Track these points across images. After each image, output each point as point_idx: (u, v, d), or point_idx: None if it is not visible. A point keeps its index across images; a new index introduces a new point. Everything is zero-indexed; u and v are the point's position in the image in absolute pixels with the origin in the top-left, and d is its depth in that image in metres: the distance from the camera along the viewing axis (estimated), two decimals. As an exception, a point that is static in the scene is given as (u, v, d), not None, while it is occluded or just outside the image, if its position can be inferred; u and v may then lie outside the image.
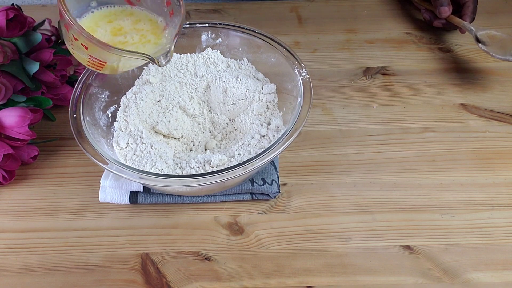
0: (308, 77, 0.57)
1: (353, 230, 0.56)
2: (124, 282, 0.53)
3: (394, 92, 0.72)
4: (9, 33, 0.62)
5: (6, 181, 0.60)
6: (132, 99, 0.61)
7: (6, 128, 0.59)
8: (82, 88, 0.58)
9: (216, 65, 0.66)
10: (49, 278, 0.53)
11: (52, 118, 0.69)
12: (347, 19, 0.85)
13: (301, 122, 0.53)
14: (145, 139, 0.57)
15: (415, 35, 0.81)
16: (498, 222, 0.56)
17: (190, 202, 0.59)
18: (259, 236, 0.56)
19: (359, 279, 0.52)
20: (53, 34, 0.70)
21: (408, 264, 0.53)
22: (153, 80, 0.63)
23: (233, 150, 0.56)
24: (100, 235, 0.57)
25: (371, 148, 0.64)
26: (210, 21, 0.66)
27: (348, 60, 0.77)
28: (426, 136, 0.66)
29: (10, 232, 0.57)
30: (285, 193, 0.60)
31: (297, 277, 0.53)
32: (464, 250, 0.54)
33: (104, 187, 0.58)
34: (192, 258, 0.54)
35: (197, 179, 0.50)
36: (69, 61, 0.67)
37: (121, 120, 0.60)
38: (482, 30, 0.72)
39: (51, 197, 0.60)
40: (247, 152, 0.55)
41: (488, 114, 0.68)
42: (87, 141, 0.53)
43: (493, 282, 0.52)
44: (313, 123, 0.67)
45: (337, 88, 0.73)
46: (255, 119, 0.59)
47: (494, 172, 0.61)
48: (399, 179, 0.61)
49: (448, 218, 0.57)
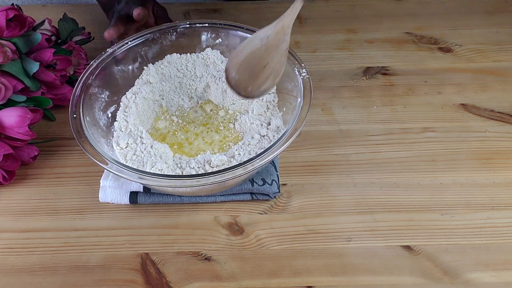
0: (308, 77, 0.57)
1: (353, 230, 0.56)
2: (124, 282, 0.53)
3: (394, 92, 0.72)
4: (9, 33, 0.62)
5: (6, 181, 0.60)
6: (132, 99, 0.61)
7: (6, 128, 0.59)
8: (82, 88, 0.58)
9: (216, 65, 0.66)
10: (49, 278, 0.53)
11: (52, 118, 0.69)
12: (347, 19, 0.85)
13: (301, 122, 0.53)
14: (145, 139, 0.57)
15: (415, 35, 0.81)
16: (498, 222, 0.56)
17: (190, 202, 0.59)
18: (259, 236, 0.56)
19: (359, 279, 0.52)
20: (53, 34, 0.70)
21: (408, 264, 0.53)
22: (152, 80, 0.64)
23: (233, 150, 0.56)
24: (100, 235, 0.57)
25: (371, 148, 0.64)
26: (210, 21, 0.66)
27: (348, 60, 0.77)
28: (426, 136, 0.66)
29: (10, 232, 0.57)
30: (285, 193, 0.60)
31: (297, 277, 0.53)
32: (464, 250, 0.54)
33: (104, 187, 0.58)
34: (192, 258, 0.54)
35: (197, 179, 0.50)
36: (69, 61, 0.67)
37: (121, 120, 0.60)
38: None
39: (51, 197, 0.60)
40: (247, 152, 0.55)
41: (488, 114, 0.68)
42: (87, 141, 0.53)
43: (493, 282, 0.52)
44: (313, 123, 0.67)
45: (337, 88, 0.73)
46: (255, 119, 0.59)
47: (494, 172, 0.61)
48: (399, 179, 0.61)
49: (448, 218, 0.57)
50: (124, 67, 0.63)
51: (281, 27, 0.51)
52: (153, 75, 0.64)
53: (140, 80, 0.64)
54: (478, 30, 0.81)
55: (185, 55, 0.66)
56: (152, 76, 0.64)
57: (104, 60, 0.61)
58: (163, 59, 0.66)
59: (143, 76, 0.64)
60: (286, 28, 0.51)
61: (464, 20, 0.83)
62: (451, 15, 0.85)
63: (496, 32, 0.81)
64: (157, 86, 0.63)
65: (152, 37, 0.65)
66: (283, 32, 0.51)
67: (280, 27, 0.51)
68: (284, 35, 0.51)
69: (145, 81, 0.64)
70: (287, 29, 0.51)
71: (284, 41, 0.52)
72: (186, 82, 0.65)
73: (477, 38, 0.80)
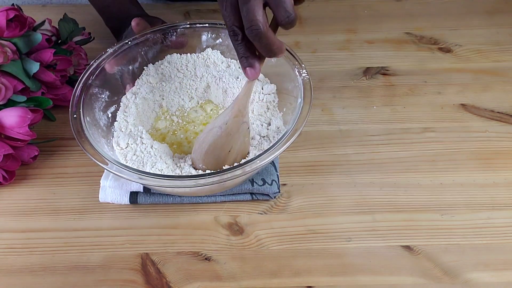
0: (308, 77, 0.57)
1: (353, 230, 0.56)
2: (124, 282, 0.53)
3: (394, 92, 0.72)
4: (9, 33, 0.62)
5: (6, 181, 0.60)
6: (132, 99, 0.62)
7: (6, 128, 0.59)
8: (82, 88, 0.58)
9: (216, 65, 0.66)
10: (49, 278, 0.53)
11: (52, 118, 0.69)
12: (347, 19, 0.85)
13: (301, 122, 0.53)
14: (145, 139, 0.57)
15: (415, 35, 0.81)
16: (498, 222, 0.56)
17: (190, 202, 0.59)
18: (259, 236, 0.56)
19: (359, 279, 0.52)
20: (53, 34, 0.70)
21: (408, 264, 0.53)
22: (152, 81, 0.64)
23: (233, 150, 0.56)
24: (100, 235, 0.57)
25: (371, 148, 0.64)
26: (210, 21, 0.66)
27: (348, 60, 0.77)
28: (426, 136, 0.66)
29: (10, 232, 0.57)
30: (285, 193, 0.60)
31: (297, 277, 0.53)
32: (464, 250, 0.54)
33: (104, 187, 0.58)
34: (192, 258, 0.54)
35: (198, 179, 0.50)
36: (69, 61, 0.67)
37: (121, 120, 0.60)
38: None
39: (51, 197, 0.60)
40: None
41: (488, 114, 0.68)
42: (87, 141, 0.53)
43: (493, 282, 0.52)
44: (313, 123, 0.67)
45: (337, 88, 0.73)
46: (255, 119, 0.59)
47: (494, 172, 0.61)
48: (399, 179, 0.61)
49: (448, 218, 0.57)
50: (124, 67, 0.63)
51: (237, 111, 0.52)
52: (153, 75, 0.64)
53: (140, 80, 0.64)
54: (478, 30, 0.81)
55: (185, 55, 0.66)
56: (152, 76, 0.64)
57: (104, 60, 0.61)
58: (163, 59, 0.66)
59: (143, 76, 0.64)
60: (242, 110, 0.52)
61: (464, 20, 0.83)
62: (451, 15, 0.85)
63: (496, 32, 0.81)
64: (157, 86, 0.63)
65: (152, 37, 0.65)
66: (241, 115, 0.52)
67: (236, 110, 0.52)
68: (243, 117, 0.52)
69: (145, 81, 0.64)
70: (244, 110, 0.52)
71: (243, 122, 0.53)
72: (187, 82, 0.65)
73: (477, 38, 0.80)
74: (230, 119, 0.52)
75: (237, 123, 0.52)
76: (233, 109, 0.52)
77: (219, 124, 0.53)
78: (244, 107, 0.52)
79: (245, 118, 0.53)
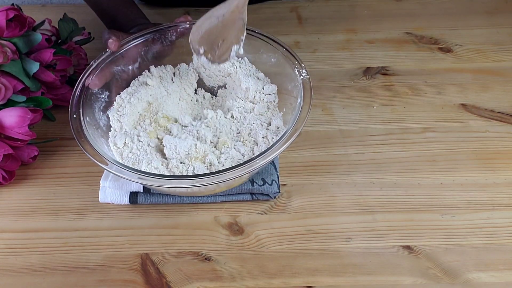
0: (308, 77, 0.57)
1: (353, 230, 0.56)
2: (124, 282, 0.53)
3: (394, 92, 0.72)
4: (9, 33, 0.62)
5: (6, 181, 0.60)
6: (126, 99, 0.61)
7: (6, 128, 0.59)
8: (82, 88, 0.58)
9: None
10: (49, 278, 0.53)
11: (52, 118, 0.69)
12: (347, 19, 0.85)
13: (301, 122, 0.53)
14: (142, 137, 0.57)
15: (415, 35, 0.81)
16: (498, 222, 0.56)
17: (190, 202, 0.59)
18: (259, 236, 0.56)
19: (359, 279, 0.52)
20: (53, 34, 0.70)
21: (408, 264, 0.53)
22: (150, 82, 0.63)
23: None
24: (100, 235, 0.57)
25: (371, 148, 0.64)
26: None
27: (348, 60, 0.77)
28: (426, 136, 0.66)
29: (10, 232, 0.57)
30: (285, 193, 0.60)
31: (297, 277, 0.52)
32: (464, 250, 0.54)
33: (104, 188, 0.58)
34: (192, 258, 0.54)
35: (197, 179, 0.50)
36: (69, 61, 0.67)
37: (114, 120, 0.59)
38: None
39: (51, 197, 0.60)
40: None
41: (488, 114, 0.68)
42: (87, 141, 0.53)
43: (493, 282, 0.52)
44: (313, 123, 0.67)
45: (337, 88, 0.73)
46: (256, 119, 0.59)
47: (495, 172, 0.61)
48: (399, 179, 0.61)
49: (448, 218, 0.57)
50: (124, 67, 0.63)
51: (235, 6, 0.53)
52: (151, 77, 0.63)
53: (136, 81, 0.63)
54: (478, 30, 0.81)
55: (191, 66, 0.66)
56: (150, 78, 0.63)
57: (104, 60, 0.61)
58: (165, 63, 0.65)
59: (140, 77, 0.63)
60: (240, 7, 0.53)
61: (464, 20, 0.83)
62: (451, 15, 0.85)
63: (496, 32, 0.81)
64: (153, 88, 0.63)
65: (152, 37, 0.65)
66: (238, 11, 0.53)
67: (234, 6, 0.53)
68: (239, 13, 0.53)
69: (142, 82, 0.63)
70: (241, 8, 0.53)
71: (239, 19, 0.54)
72: (186, 83, 0.65)
73: (477, 38, 0.80)
74: (228, 12, 0.53)
75: (233, 18, 0.53)
76: (231, 4, 0.53)
77: (217, 14, 0.54)
78: (243, 5, 0.53)
79: (242, 15, 0.54)
